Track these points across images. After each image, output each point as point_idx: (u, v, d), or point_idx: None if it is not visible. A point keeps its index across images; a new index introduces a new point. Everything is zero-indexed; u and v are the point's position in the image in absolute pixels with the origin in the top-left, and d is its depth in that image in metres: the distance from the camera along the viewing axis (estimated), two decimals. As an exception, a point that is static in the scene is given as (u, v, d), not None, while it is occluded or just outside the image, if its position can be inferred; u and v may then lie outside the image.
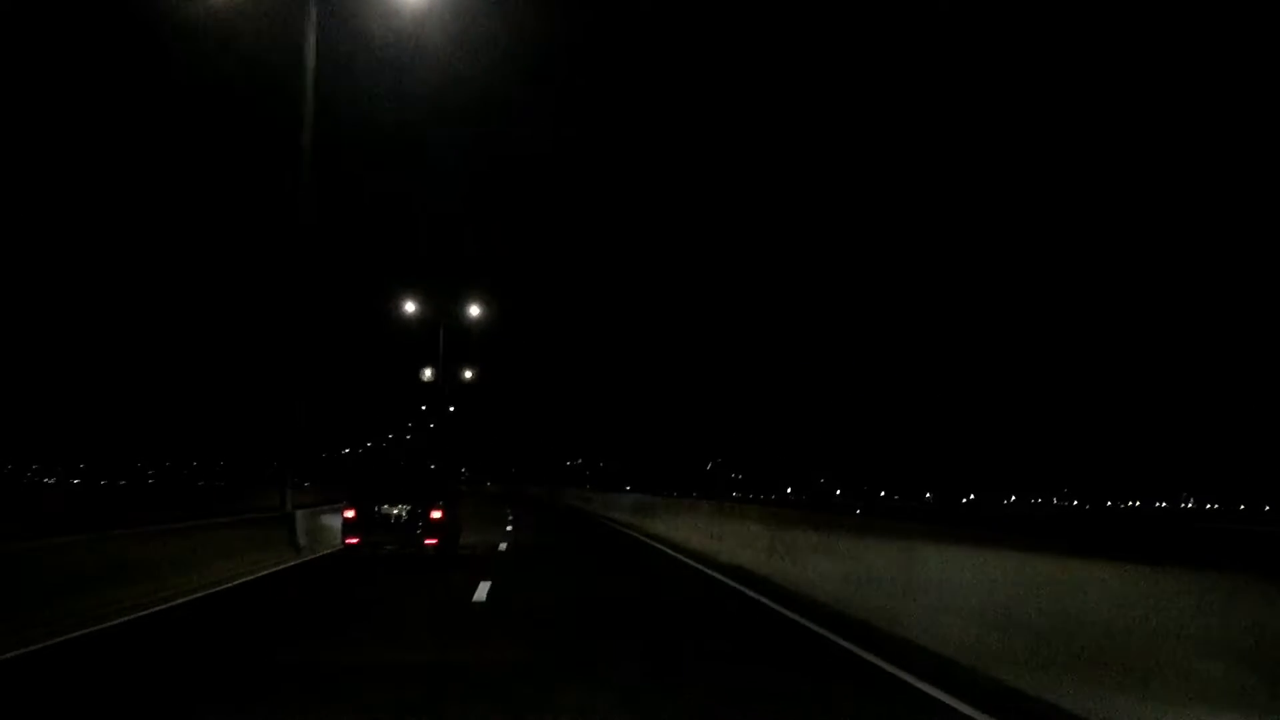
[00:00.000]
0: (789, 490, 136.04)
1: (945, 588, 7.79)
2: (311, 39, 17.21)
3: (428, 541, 14.20)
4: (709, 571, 14.21)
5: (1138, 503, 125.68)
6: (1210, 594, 5.09)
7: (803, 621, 9.38)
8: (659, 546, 19.16)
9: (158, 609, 9.81)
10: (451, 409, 59.66)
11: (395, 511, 14.25)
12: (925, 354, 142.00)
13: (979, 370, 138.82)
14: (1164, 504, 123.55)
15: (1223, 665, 4.85)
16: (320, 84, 17.53)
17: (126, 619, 9.14)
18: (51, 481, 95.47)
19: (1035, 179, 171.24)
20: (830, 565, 10.60)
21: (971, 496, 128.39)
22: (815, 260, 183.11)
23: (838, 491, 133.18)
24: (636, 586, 13.34)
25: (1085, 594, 5.94)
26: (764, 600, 10.92)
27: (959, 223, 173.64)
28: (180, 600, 10.44)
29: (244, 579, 12.50)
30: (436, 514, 14.28)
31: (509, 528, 24.54)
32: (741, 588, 12.07)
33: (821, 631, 8.81)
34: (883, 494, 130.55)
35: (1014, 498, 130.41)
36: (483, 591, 11.51)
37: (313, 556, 15.85)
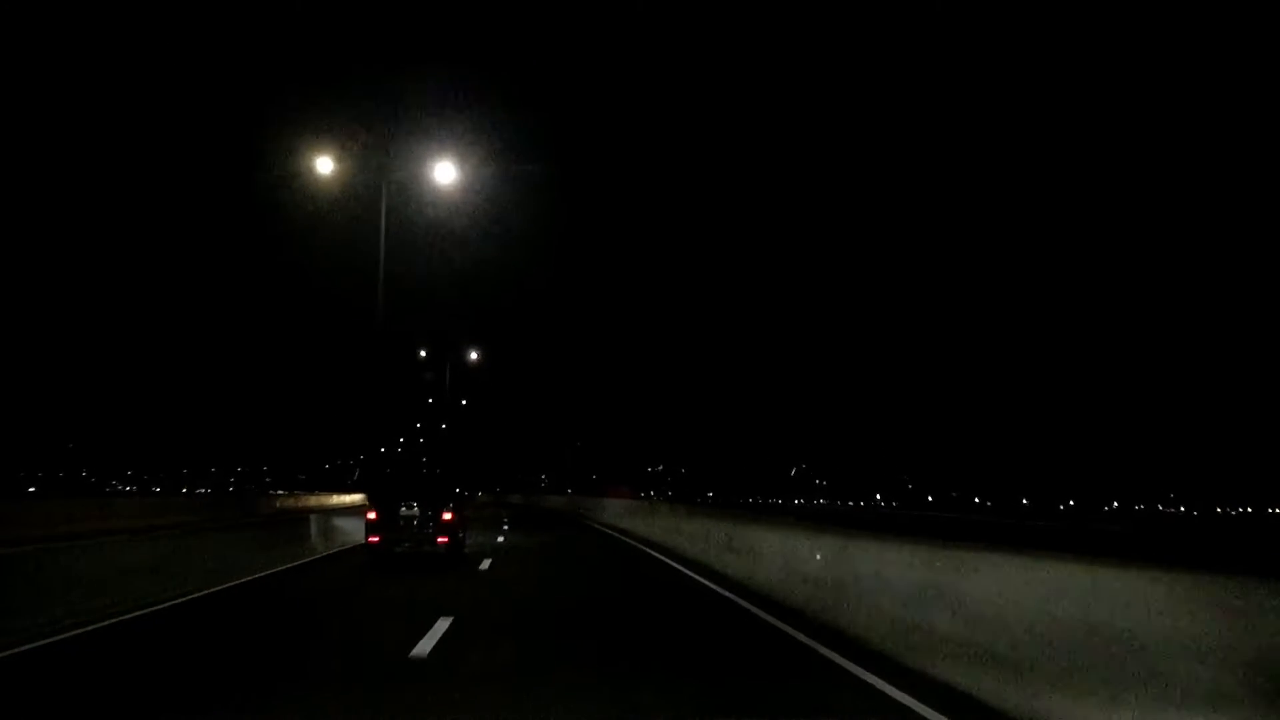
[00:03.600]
0: (877, 496, 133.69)
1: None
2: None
3: (439, 540, 15.07)
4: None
5: (1249, 509, 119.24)
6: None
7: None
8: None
9: (215, 590, 11.05)
10: (465, 401, 60.86)
11: (412, 513, 15.16)
12: (1019, 357, 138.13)
13: (1077, 373, 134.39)
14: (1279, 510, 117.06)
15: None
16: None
17: (191, 596, 10.47)
18: (132, 490, 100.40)
19: (1104, 179, 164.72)
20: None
21: (1071, 503, 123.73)
22: (913, 265, 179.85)
23: (930, 498, 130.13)
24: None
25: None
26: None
27: (1047, 229, 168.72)
28: (226, 586, 11.60)
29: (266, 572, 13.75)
30: (447, 515, 15.20)
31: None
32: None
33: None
34: (976, 500, 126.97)
35: (1116, 504, 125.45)
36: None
37: (326, 553, 17.21)
